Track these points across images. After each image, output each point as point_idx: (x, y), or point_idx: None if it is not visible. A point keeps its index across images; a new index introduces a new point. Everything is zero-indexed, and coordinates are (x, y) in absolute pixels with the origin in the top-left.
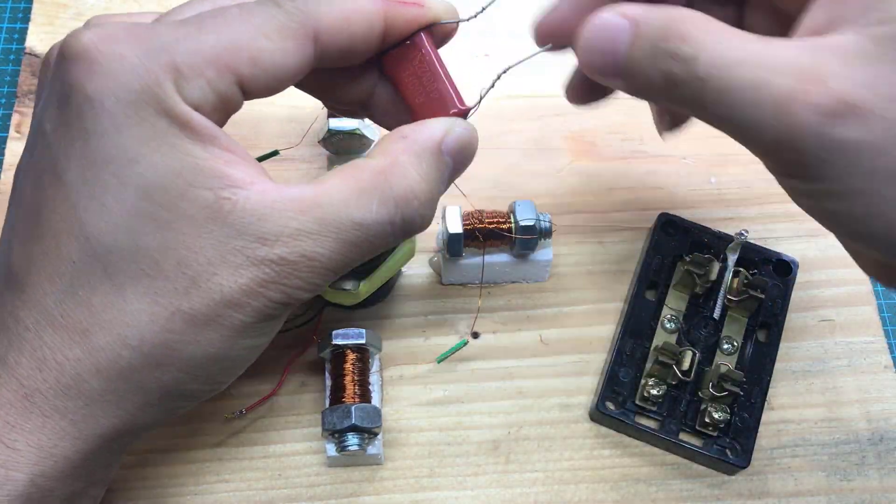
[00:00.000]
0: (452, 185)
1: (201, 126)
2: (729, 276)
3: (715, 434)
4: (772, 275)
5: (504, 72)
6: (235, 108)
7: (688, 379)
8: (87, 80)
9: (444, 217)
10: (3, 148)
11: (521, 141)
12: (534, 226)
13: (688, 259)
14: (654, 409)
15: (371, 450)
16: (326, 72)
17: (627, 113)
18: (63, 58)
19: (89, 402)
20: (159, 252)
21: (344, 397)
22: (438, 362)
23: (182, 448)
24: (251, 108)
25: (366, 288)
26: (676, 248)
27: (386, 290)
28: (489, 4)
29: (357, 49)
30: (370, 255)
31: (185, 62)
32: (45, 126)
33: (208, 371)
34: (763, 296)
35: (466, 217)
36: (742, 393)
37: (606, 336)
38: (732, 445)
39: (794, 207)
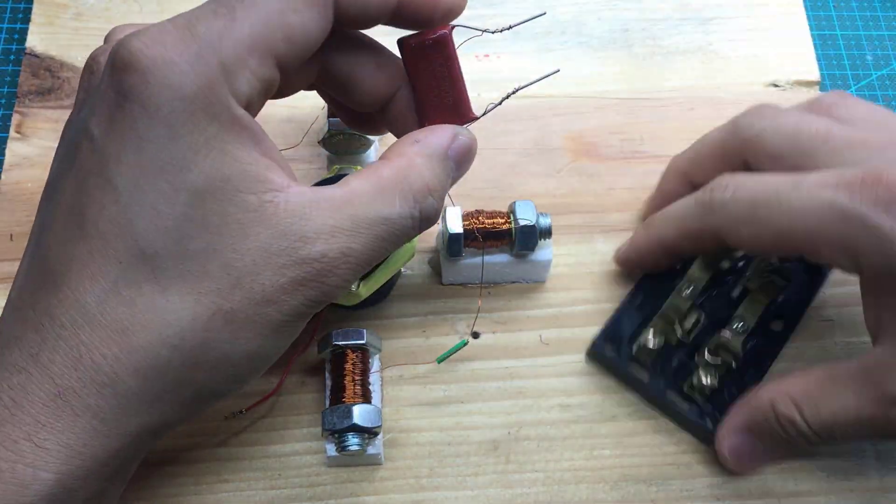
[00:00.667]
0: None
1: (249, 128)
2: (756, 259)
3: (701, 401)
4: (800, 270)
5: (514, 91)
6: (275, 88)
7: (686, 340)
8: (142, 88)
9: (444, 217)
10: (4, 148)
11: (521, 141)
12: (534, 226)
13: None
14: (648, 361)
15: (371, 450)
16: (349, 61)
17: (627, 113)
18: (114, 68)
19: (123, 401)
20: (206, 255)
21: (344, 397)
22: (438, 362)
23: (182, 448)
24: None
25: (366, 288)
26: None
27: (386, 290)
28: (518, 25)
29: (371, 12)
30: (394, 248)
31: (229, 57)
32: (92, 131)
33: (238, 369)
34: (785, 282)
35: (466, 217)
36: (736, 367)
37: None
38: (714, 415)
39: None
